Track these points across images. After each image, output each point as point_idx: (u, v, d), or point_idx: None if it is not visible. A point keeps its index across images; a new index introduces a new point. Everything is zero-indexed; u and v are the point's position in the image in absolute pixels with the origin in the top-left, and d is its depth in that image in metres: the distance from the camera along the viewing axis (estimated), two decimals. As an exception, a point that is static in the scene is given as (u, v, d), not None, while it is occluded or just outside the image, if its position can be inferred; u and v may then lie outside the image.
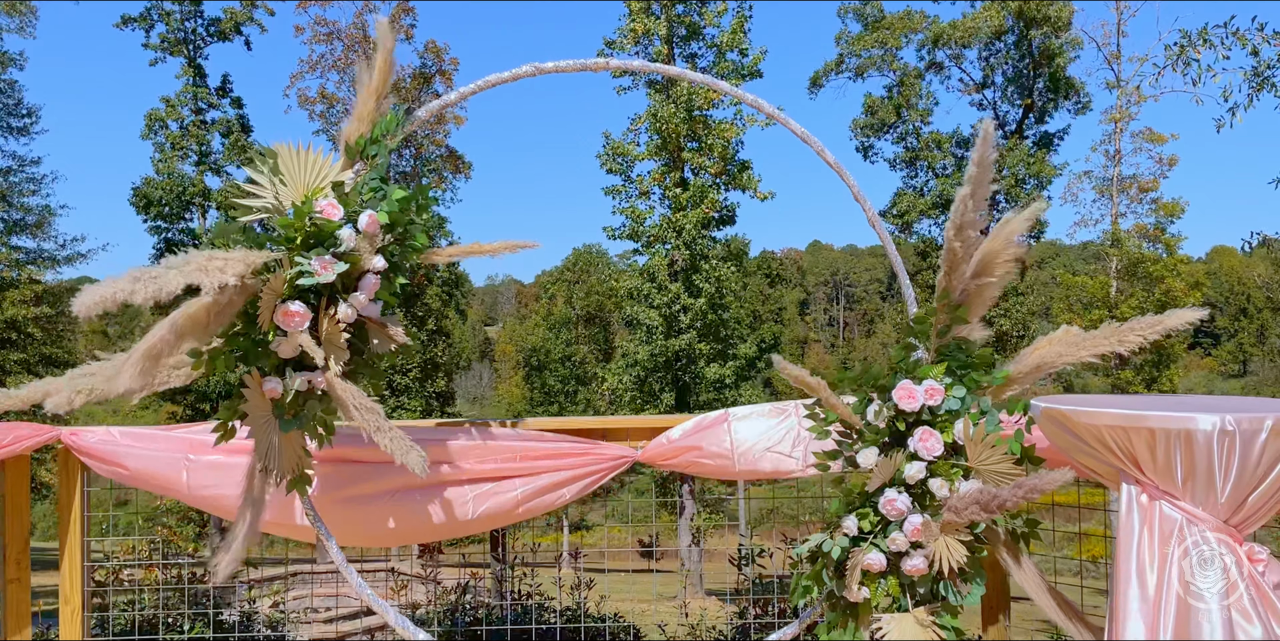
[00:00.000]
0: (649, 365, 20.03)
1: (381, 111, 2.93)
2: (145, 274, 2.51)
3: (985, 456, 2.77)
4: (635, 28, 19.75)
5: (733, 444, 3.48)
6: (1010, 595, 3.69)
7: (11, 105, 23.62)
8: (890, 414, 2.86)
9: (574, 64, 3.03)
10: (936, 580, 2.86)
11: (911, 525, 2.79)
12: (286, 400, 2.83)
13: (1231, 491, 2.32)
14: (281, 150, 2.81)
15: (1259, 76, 6.06)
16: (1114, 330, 2.82)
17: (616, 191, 20.71)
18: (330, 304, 2.83)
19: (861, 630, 2.93)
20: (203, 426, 3.37)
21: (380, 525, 3.29)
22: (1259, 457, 2.28)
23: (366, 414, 2.86)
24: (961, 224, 2.66)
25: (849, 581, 2.85)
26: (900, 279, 3.26)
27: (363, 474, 3.26)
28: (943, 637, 2.85)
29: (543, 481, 3.37)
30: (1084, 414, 2.44)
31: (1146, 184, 26.80)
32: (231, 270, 2.63)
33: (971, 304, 2.85)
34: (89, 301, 2.42)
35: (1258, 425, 2.26)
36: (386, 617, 2.96)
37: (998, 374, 2.88)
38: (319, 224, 2.76)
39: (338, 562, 2.96)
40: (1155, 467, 2.36)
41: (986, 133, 2.65)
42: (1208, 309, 2.93)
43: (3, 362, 22.30)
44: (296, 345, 2.79)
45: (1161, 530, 2.39)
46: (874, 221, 3.19)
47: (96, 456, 3.35)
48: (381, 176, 2.92)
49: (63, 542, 3.51)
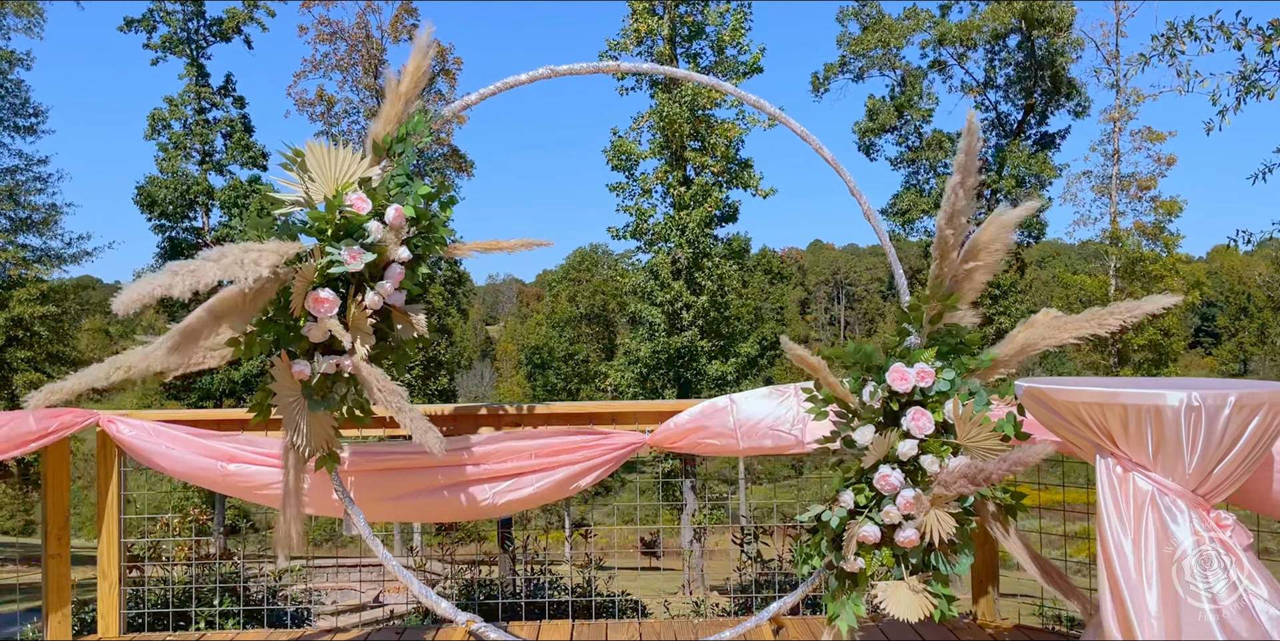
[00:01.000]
0: (651, 362, 20.23)
1: (408, 114, 3.10)
2: (183, 268, 2.69)
3: (973, 434, 2.96)
4: (639, 27, 19.95)
5: (735, 423, 3.66)
6: (999, 570, 3.88)
7: (18, 105, 23.80)
8: (885, 395, 3.05)
9: (587, 67, 3.21)
10: (928, 551, 3.05)
11: (904, 499, 2.97)
12: (314, 382, 3.01)
13: (1198, 463, 2.50)
14: (312, 148, 2.99)
15: (1245, 80, 6.25)
16: (1095, 313, 3.00)
17: (620, 188, 20.91)
18: (358, 291, 3.01)
19: (860, 598, 3.12)
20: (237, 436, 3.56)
21: (415, 513, 3.74)
22: (1223, 432, 2.46)
23: (390, 396, 3.04)
24: (953, 212, 2.84)
25: (846, 552, 3.04)
26: (893, 268, 3.44)
27: (402, 479, 3.49)
28: (935, 605, 3.04)
29: (559, 475, 3.56)
30: (1062, 392, 2.62)
31: (1145, 182, 26.98)
32: (266, 262, 2.81)
33: (962, 290, 3.03)
34: (129, 299, 2.57)
35: (1221, 401, 2.44)
36: (411, 587, 3.14)
37: (985, 357, 3.06)
38: (348, 216, 2.94)
39: (364, 535, 3.15)
40: (1128, 441, 2.54)
41: (971, 124, 2.84)
42: (1183, 295, 3.12)
43: (10, 360, 22.48)
44: (326, 330, 2.97)
45: (1135, 500, 2.57)
46: (869, 214, 3.37)
47: (133, 450, 3.53)
48: (407, 172, 3.10)
49: (100, 520, 3.69)
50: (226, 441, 3.49)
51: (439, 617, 4.08)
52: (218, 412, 3.78)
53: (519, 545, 5.09)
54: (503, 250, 3.31)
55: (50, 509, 3.60)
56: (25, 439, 3.32)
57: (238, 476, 3.44)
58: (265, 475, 3.42)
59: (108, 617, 3.67)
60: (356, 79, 28.37)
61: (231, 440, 3.50)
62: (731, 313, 21.11)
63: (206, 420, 3.65)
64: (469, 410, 3.81)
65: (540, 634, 3.58)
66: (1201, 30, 5.81)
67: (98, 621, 3.68)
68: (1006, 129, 26.72)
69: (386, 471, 3.48)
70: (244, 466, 3.45)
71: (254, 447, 3.46)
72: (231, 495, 3.60)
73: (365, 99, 28.17)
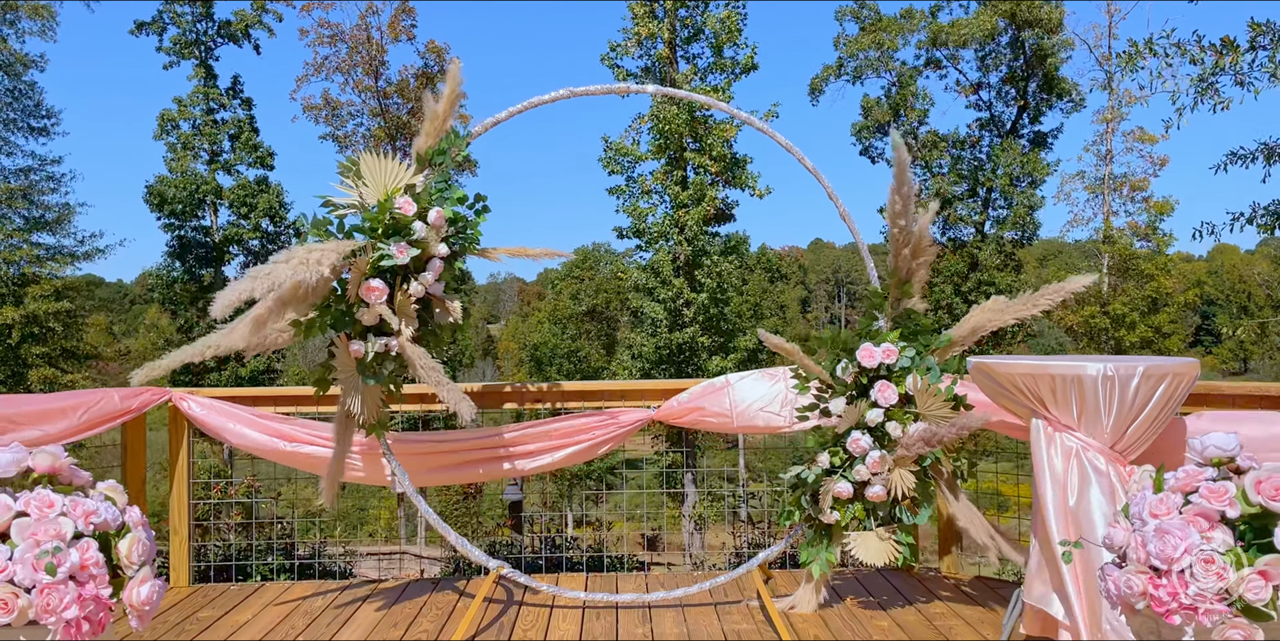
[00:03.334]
0: (653, 358, 20.73)
1: (445, 130, 3.60)
2: (260, 272, 3.19)
3: (930, 404, 3.46)
4: (639, 31, 20.46)
5: (731, 404, 4.16)
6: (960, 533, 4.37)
7: (32, 107, 24.30)
8: (855, 371, 3.55)
9: (601, 88, 3.71)
10: (893, 505, 3.55)
11: (872, 459, 3.47)
12: (367, 360, 3.51)
13: (1114, 423, 3.00)
14: (365, 158, 3.48)
15: (1204, 82, 6.75)
16: (1028, 298, 3.52)
17: (620, 191, 21.42)
18: (404, 282, 3.51)
19: (834, 547, 3.62)
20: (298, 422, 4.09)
21: (453, 480, 4.30)
22: (1134, 397, 2.96)
23: (430, 372, 3.54)
24: (894, 213, 3.36)
25: (823, 505, 3.54)
26: (866, 262, 3.93)
27: (445, 459, 4.05)
28: (899, 552, 3.55)
29: (577, 448, 4.10)
30: (1003, 365, 3.12)
31: (1138, 183, 27.47)
32: (327, 261, 3.30)
33: (915, 280, 3.54)
34: (224, 303, 3.04)
35: (1132, 371, 2.94)
36: (449, 537, 3.64)
37: (941, 338, 3.56)
38: (396, 218, 3.44)
39: (409, 492, 3.65)
40: (1056, 406, 3.04)
41: (897, 143, 3.41)
42: (1097, 275, 3.66)
43: (25, 356, 22.99)
44: (377, 314, 3.46)
45: (1063, 455, 3.07)
46: (845, 216, 3.87)
47: (202, 424, 4.05)
48: (445, 180, 3.59)
49: (171, 484, 4.19)
50: (285, 423, 4.02)
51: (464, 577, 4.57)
52: (274, 390, 4.28)
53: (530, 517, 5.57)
54: (528, 257, 3.82)
55: (129, 475, 4.10)
56: (114, 415, 3.82)
57: (295, 453, 3.97)
58: (317, 453, 3.94)
59: (179, 569, 4.18)
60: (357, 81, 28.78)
61: (289, 422, 4.03)
62: (731, 309, 21.60)
63: (265, 396, 4.16)
64: (495, 388, 4.32)
65: (559, 583, 4.08)
66: (1160, 47, 6.31)
67: (169, 573, 4.18)
68: (1000, 128, 27.18)
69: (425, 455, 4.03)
70: (299, 445, 3.98)
71: (307, 429, 3.99)
72: (288, 465, 4.11)
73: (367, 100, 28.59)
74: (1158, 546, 1.66)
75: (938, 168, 27.29)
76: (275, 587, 4.20)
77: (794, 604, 3.74)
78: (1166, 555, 1.64)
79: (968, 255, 25.52)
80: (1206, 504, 1.69)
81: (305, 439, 3.98)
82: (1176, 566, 1.62)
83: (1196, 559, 1.62)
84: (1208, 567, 1.60)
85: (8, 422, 3.60)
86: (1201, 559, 1.62)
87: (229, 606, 3.89)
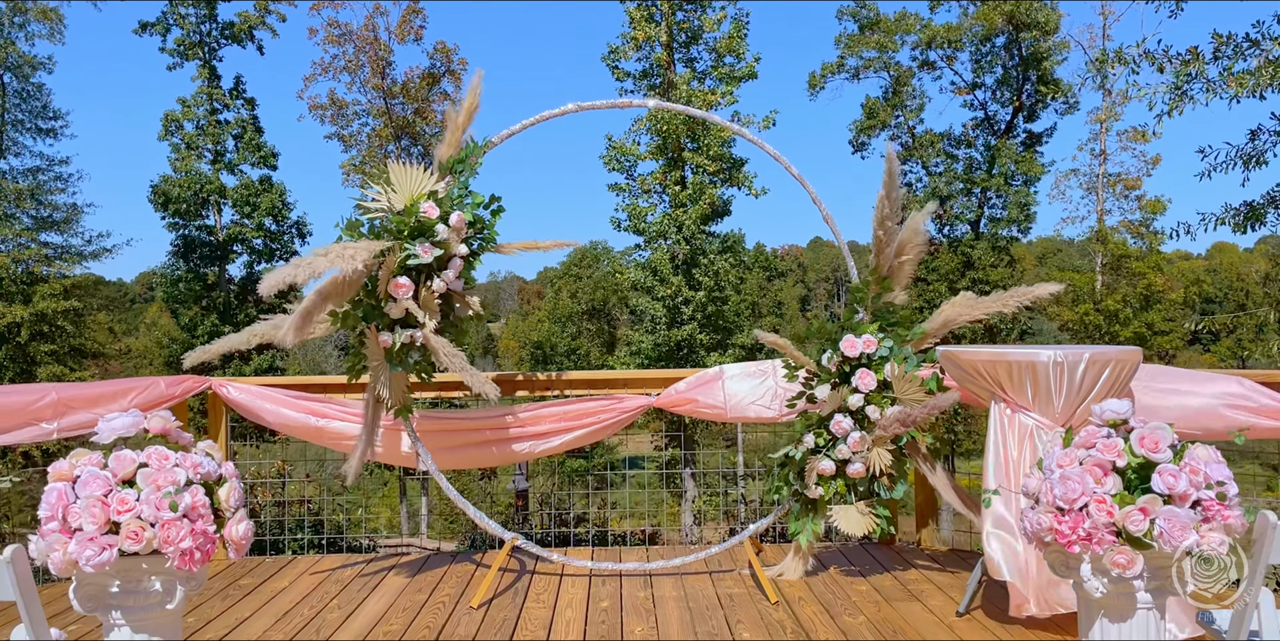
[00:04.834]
0: (652, 354, 21.11)
1: (464, 140, 3.96)
2: (302, 261, 3.55)
3: (906, 389, 3.82)
4: (637, 35, 20.81)
5: (725, 397, 4.53)
6: (938, 507, 4.74)
7: (40, 108, 24.64)
8: (839, 359, 3.91)
9: (605, 103, 4.07)
10: (872, 481, 3.92)
11: (853, 439, 3.84)
12: (395, 349, 3.87)
13: (1064, 405, 3.36)
14: (392, 167, 3.85)
15: (1179, 89, 7.11)
16: (1000, 296, 3.88)
17: (621, 189, 21.81)
18: (427, 279, 3.87)
19: (819, 520, 3.99)
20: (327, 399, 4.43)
21: (470, 461, 4.59)
22: (1081, 380, 3.32)
23: (453, 359, 3.91)
24: (882, 217, 3.72)
25: (808, 481, 3.91)
26: (847, 261, 4.29)
27: (461, 439, 4.39)
28: (877, 523, 3.91)
29: (583, 432, 4.45)
30: (967, 353, 3.49)
31: (1131, 182, 27.86)
32: (360, 256, 3.67)
33: (895, 277, 3.91)
34: (271, 284, 3.40)
35: (1079, 358, 3.30)
36: (468, 511, 4.00)
37: (917, 330, 3.93)
38: (421, 221, 3.80)
39: (431, 471, 4.01)
40: (1013, 388, 3.40)
41: (889, 153, 3.75)
42: (1064, 284, 4.01)
43: (34, 353, 23.34)
44: (404, 308, 3.83)
45: (1019, 433, 3.43)
46: (828, 218, 4.23)
47: (240, 407, 4.41)
48: (465, 186, 3.95)
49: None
50: (315, 401, 4.37)
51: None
52: (306, 378, 4.65)
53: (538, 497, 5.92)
54: (539, 250, 4.18)
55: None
56: (160, 400, 4.19)
57: (325, 429, 4.33)
58: (347, 429, 4.29)
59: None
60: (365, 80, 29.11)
61: (319, 399, 4.38)
62: (730, 307, 21.97)
63: (298, 384, 4.52)
64: (508, 377, 4.68)
65: (567, 554, 4.43)
66: (1129, 56, 6.67)
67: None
68: (995, 128, 27.54)
69: (447, 432, 4.38)
70: (330, 421, 4.34)
71: (338, 406, 4.35)
72: (319, 444, 4.47)
73: (373, 100, 28.93)
74: (1062, 490, 2.03)
75: (933, 166, 27.65)
76: (306, 560, 4.57)
77: (782, 571, 4.11)
78: (1068, 497, 2.01)
79: (962, 253, 25.89)
80: (1101, 455, 2.05)
81: (335, 415, 4.34)
82: (1076, 506, 1.99)
83: (1091, 499, 1.99)
84: (1100, 506, 1.97)
85: (65, 406, 3.97)
86: (1095, 499, 1.99)
87: (266, 575, 4.26)
